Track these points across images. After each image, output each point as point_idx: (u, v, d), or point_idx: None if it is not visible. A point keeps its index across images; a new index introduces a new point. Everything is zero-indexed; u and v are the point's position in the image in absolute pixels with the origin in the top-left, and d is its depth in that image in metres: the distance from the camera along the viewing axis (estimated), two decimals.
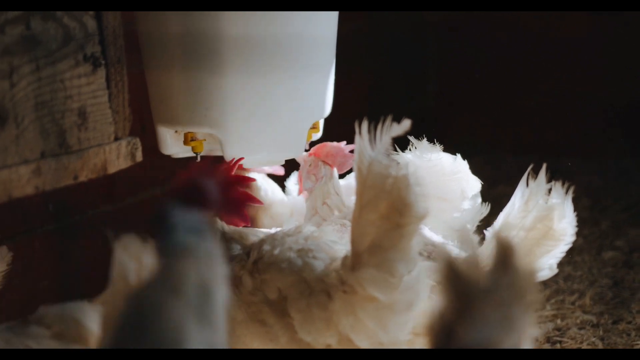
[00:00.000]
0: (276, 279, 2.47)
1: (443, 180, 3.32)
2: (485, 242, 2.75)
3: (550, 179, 2.77)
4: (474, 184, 3.36)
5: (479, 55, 6.34)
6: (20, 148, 2.39)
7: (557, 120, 6.18)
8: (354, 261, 2.30)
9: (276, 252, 2.53)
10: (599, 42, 5.94)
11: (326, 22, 3.10)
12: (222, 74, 2.86)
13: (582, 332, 3.66)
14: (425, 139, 3.29)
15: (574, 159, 6.01)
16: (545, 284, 3.92)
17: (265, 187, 3.39)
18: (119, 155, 2.74)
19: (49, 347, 2.12)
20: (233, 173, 2.86)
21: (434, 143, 3.28)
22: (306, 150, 3.40)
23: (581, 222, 2.90)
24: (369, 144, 2.25)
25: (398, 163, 2.25)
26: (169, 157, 3.15)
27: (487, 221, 3.50)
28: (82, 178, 2.60)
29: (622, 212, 5.15)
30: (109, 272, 1.83)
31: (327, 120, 3.36)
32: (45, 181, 2.47)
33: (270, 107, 2.96)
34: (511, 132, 6.22)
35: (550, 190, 2.72)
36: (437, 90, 6.60)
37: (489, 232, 2.76)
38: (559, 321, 3.78)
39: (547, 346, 3.57)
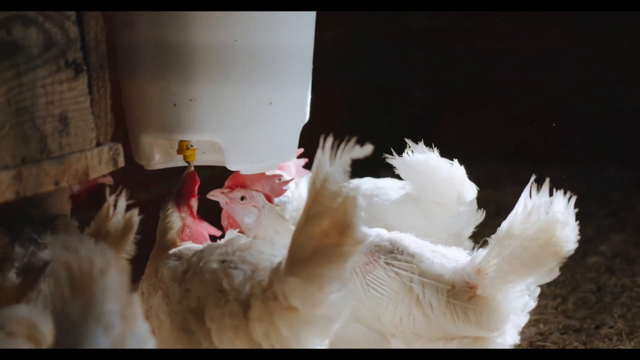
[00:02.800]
0: (197, 289, 2.59)
1: (439, 184, 3.34)
2: (488, 248, 2.78)
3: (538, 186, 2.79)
4: (470, 189, 3.38)
5: (464, 63, 6.37)
6: (1, 154, 2.38)
7: (541, 127, 6.21)
8: (286, 270, 2.36)
9: (201, 264, 2.66)
10: (582, 52, 5.98)
11: (310, 28, 3.13)
12: (227, 81, 2.89)
13: (565, 336, 3.68)
14: (422, 142, 3.32)
15: (558, 165, 6.05)
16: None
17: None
18: (100, 161, 2.73)
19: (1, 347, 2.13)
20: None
21: (431, 147, 3.31)
22: (300, 156, 3.43)
23: None
24: (329, 160, 2.29)
25: (350, 185, 2.28)
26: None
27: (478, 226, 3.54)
28: (64, 184, 2.59)
29: (605, 217, 5.18)
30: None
31: (313, 128, 3.38)
32: (26, 187, 2.46)
33: (271, 114, 2.98)
34: (496, 139, 6.24)
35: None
36: (423, 96, 6.62)
37: (491, 240, 2.79)
38: (541, 326, 3.80)
39: None
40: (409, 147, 3.34)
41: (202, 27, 2.84)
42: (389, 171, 3.76)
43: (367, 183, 3.66)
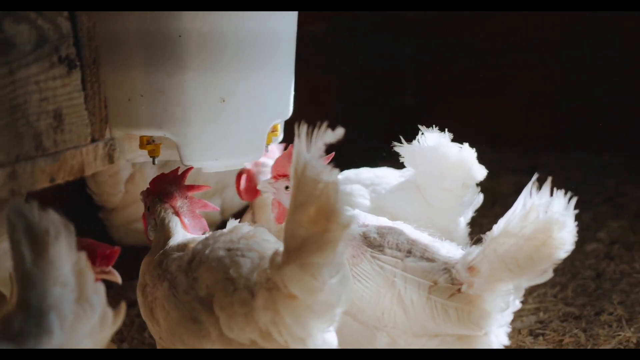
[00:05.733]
0: (205, 277, 2.57)
1: (448, 170, 3.33)
2: (483, 245, 2.76)
3: (532, 174, 2.78)
4: (479, 172, 3.36)
5: (459, 52, 6.36)
6: None
7: (536, 116, 6.21)
8: (283, 259, 2.37)
9: (207, 251, 2.65)
10: (577, 41, 5.98)
11: (284, 21, 3.06)
12: (179, 74, 2.83)
13: (565, 324, 3.68)
14: (428, 128, 3.30)
15: (553, 153, 6.06)
16: None
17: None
18: (96, 157, 2.72)
19: None
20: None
21: (444, 131, 3.29)
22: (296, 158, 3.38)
23: None
24: (305, 148, 2.29)
25: (331, 169, 2.27)
26: None
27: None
28: (59, 180, 2.57)
29: (601, 204, 5.18)
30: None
31: (306, 120, 3.35)
32: (21, 184, 2.44)
33: (229, 109, 2.92)
34: (492, 128, 6.23)
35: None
36: (417, 86, 6.61)
37: (486, 237, 2.77)
38: (541, 314, 3.80)
39: (530, 339, 3.58)
40: (422, 133, 3.32)
41: (151, 20, 2.79)
42: (386, 162, 3.76)
43: (366, 173, 3.65)
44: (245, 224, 2.80)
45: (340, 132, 2.31)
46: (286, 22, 3.07)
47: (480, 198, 3.50)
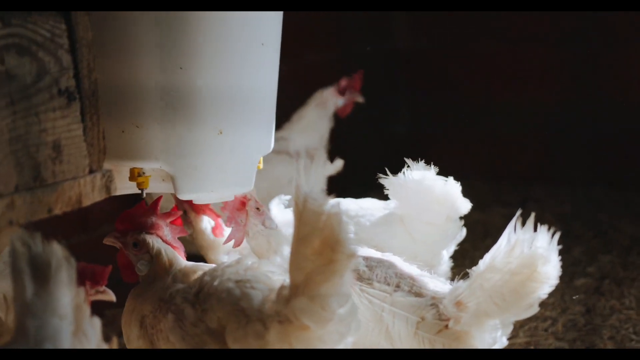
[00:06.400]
0: (216, 308, 2.58)
1: (432, 204, 3.34)
2: (470, 280, 2.78)
3: (523, 207, 2.81)
4: (463, 205, 3.38)
5: (450, 84, 6.41)
6: None
7: (528, 148, 6.25)
8: (291, 292, 2.40)
9: (216, 283, 2.66)
10: (566, 72, 6.03)
11: (269, 73, 3.08)
12: (172, 109, 2.85)
13: None
14: (423, 161, 3.32)
15: (544, 186, 6.09)
16: None
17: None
18: (93, 188, 2.73)
19: None
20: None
21: (430, 165, 3.32)
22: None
23: None
24: (305, 181, 2.33)
25: (331, 201, 2.31)
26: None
27: (460, 246, 3.55)
28: (57, 211, 2.58)
29: (592, 239, 5.20)
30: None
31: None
32: (19, 215, 2.46)
33: (222, 143, 2.93)
34: (483, 160, 6.27)
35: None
36: (409, 118, 6.65)
37: (473, 272, 2.79)
38: (532, 348, 3.81)
39: None
40: (408, 166, 3.34)
41: (149, 54, 2.81)
42: (374, 192, 3.77)
43: (350, 204, 3.65)
44: (247, 256, 2.82)
45: (339, 163, 2.35)
46: (269, 61, 3.08)
47: (463, 232, 3.51)
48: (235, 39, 2.85)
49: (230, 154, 2.98)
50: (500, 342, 2.81)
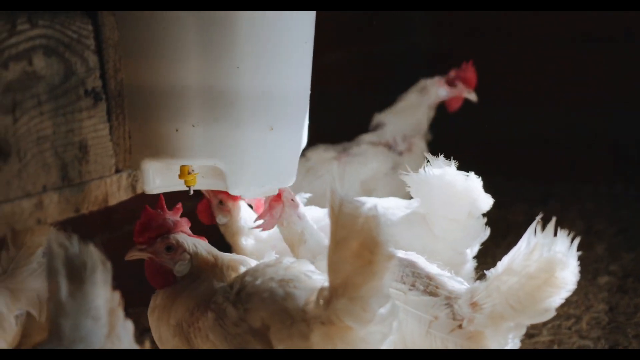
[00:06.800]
0: (259, 307, 2.59)
1: (454, 200, 3.34)
2: (487, 281, 2.78)
3: (546, 204, 2.79)
4: (485, 201, 3.37)
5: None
6: (22, 182, 2.42)
7: (550, 146, 6.23)
8: (331, 294, 2.41)
9: (258, 282, 2.67)
10: (590, 71, 6.01)
11: (309, 71, 3.14)
12: (234, 103, 2.89)
13: None
14: (442, 155, 3.33)
15: (567, 183, 6.07)
16: None
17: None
18: (119, 188, 2.76)
19: None
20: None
21: (450, 159, 3.31)
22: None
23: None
24: (339, 184, 2.37)
25: (367, 204, 2.33)
26: None
27: (482, 244, 3.54)
28: (84, 210, 2.62)
29: (615, 236, 5.18)
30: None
31: None
32: (47, 214, 2.49)
33: (272, 138, 2.98)
34: (505, 157, 6.25)
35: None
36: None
37: (490, 273, 2.79)
38: (555, 346, 3.80)
39: None
40: (427, 162, 3.34)
41: (204, 55, 2.82)
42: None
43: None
44: (285, 256, 2.84)
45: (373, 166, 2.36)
46: (308, 55, 3.13)
47: (487, 232, 3.49)
48: (285, 38, 2.90)
49: (279, 149, 3.03)
50: (512, 343, 2.80)
